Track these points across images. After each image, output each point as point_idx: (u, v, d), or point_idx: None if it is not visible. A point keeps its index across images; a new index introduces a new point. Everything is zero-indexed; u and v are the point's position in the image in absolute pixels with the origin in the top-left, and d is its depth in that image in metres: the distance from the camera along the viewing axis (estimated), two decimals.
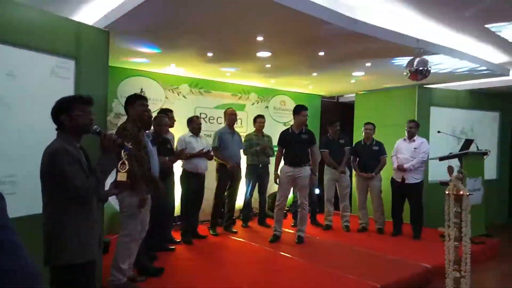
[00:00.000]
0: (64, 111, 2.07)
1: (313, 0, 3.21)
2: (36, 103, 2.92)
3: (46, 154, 2.02)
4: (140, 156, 3.17)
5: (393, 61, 4.98)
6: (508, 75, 5.88)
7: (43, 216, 2.05)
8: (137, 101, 3.30)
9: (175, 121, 4.93)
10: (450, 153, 5.29)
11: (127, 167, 2.19)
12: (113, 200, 3.84)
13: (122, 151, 2.17)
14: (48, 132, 2.13)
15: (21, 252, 0.77)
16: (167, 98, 5.90)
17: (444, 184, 4.74)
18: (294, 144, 4.92)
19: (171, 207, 4.84)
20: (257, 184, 5.88)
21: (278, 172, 5.05)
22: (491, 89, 6.58)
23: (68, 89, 3.19)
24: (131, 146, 2.28)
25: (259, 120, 5.93)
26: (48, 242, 2.01)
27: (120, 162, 2.18)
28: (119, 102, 5.38)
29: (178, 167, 4.96)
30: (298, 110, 4.97)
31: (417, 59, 4.15)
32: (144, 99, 3.41)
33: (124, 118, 5.31)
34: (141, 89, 5.65)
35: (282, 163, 5.05)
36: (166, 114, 4.63)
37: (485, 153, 5.27)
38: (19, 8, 2.90)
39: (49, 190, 2.03)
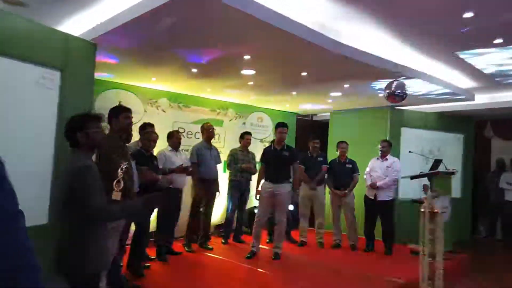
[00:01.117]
0: (79, 129, 2.12)
1: (302, 22, 3.35)
2: (20, 114, 2.85)
3: (76, 169, 2.06)
4: (127, 170, 3.13)
5: (371, 84, 5.21)
6: (473, 100, 6.28)
7: (63, 227, 2.13)
8: (122, 113, 3.25)
9: (157, 135, 4.87)
10: (421, 172, 5.54)
11: (122, 186, 2.20)
12: None
13: (119, 169, 2.18)
14: (32, 143, 2.11)
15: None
16: (145, 111, 5.85)
17: (416, 202, 4.99)
18: (275, 161, 5.00)
19: (147, 223, 4.75)
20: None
21: (259, 188, 5.10)
22: (456, 112, 6.99)
23: (52, 101, 3.15)
24: (127, 166, 2.31)
25: (246, 136, 5.97)
26: (69, 251, 2.07)
27: (116, 181, 2.18)
28: None
29: None
30: (276, 127, 5.13)
31: (395, 83, 4.38)
32: (129, 111, 3.38)
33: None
34: (120, 102, 5.57)
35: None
36: (145, 130, 4.58)
37: (453, 173, 5.56)
38: (6, 18, 2.85)
39: (73, 204, 2.07)
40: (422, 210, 3.53)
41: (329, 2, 3.24)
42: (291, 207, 6.26)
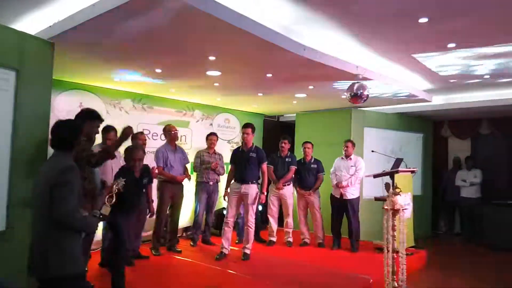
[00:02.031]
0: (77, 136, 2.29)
1: (267, 25, 3.37)
2: None
3: (63, 168, 2.15)
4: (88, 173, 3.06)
5: (334, 85, 5.32)
6: (431, 100, 6.55)
7: (40, 229, 2.15)
8: (95, 121, 3.23)
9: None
10: (383, 170, 5.71)
11: (113, 201, 2.27)
12: None
13: (115, 185, 2.29)
14: None
15: None
16: (108, 113, 5.68)
17: (380, 199, 5.15)
18: (242, 162, 5.01)
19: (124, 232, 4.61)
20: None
21: (228, 190, 5.09)
22: (416, 112, 7.27)
23: (7, 102, 3.00)
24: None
25: (210, 137, 5.92)
26: (48, 253, 2.09)
27: (108, 196, 2.26)
28: (55, 116, 5.06)
29: None
30: (242, 128, 5.17)
31: (356, 84, 4.50)
32: (101, 121, 3.35)
33: None
34: (80, 103, 5.39)
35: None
36: (109, 133, 4.45)
37: (413, 171, 5.77)
38: None
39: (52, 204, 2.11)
40: (385, 207, 3.63)
41: (291, 6, 3.27)
42: (259, 208, 6.30)
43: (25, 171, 3.11)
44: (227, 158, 5.84)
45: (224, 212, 5.84)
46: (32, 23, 3.54)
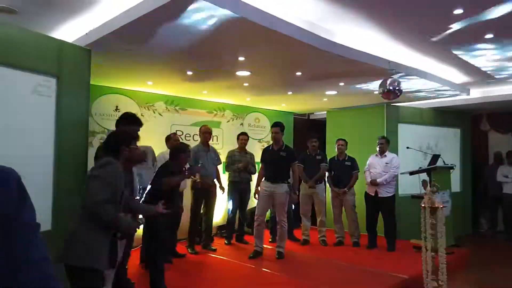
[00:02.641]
0: (124, 143, 2.35)
1: (295, 23, 3.36)
2: (18, 122, 2.85)
3: (98, 163, 2.34)
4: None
5: (366, 81, 5.22)
6: (468, 94, 6.30)
7: (75, 219, 2.29)
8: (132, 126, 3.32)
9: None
10: (420, 167, 5.55)
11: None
12: None
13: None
14: (31, 151, 2.12)
15: None
16: (142, 115, 5.82)
17: (417, 197, 5.00)
18: (273, 161, 5.00)
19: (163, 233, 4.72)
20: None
21: (259, 188, 5.10)
22: (452, 107, 7.01)
23: (49, 108, 3.14)
24: None
25: (241, 137, 5.97)
26: (72, 242, 2.21)
27: None
28: (94, 120, 5.27)
29: None
30: (271, 127, 5.14)
31: (389, 80, 4.39)
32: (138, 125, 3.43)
33: (99, 136, 5.31)
34: (116, 106, 5.58)
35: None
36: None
37: (452, 167, 5.57)
38: (0, 27, 2.84)
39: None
40: (423, 205, 3.53)
41: (320, 2, 3.24)
42: (292, 206, 6.29)
43: (68, 174, 3.24)
44: (258, 157, 5.86)
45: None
46: (69, 32, 3.70)
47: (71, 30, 3.69)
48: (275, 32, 3.17)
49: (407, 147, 6.03)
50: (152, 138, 5.09)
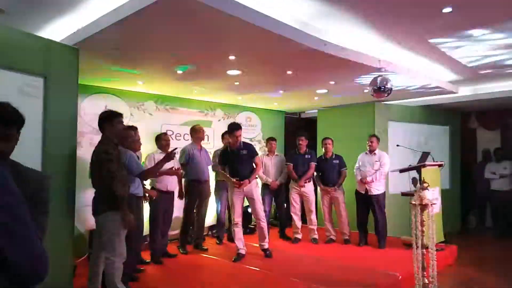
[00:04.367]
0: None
1: (286, 22, 3.35)
2: None
3: None
4: (123, 176, 3.12)
5: (356, 80, 5.25)
6: (457, 92, 6.36)
7: None
8: (115, 119, 3.24)
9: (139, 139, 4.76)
10: (410, 165, 5.59)
11: None
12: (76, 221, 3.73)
13: None
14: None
15: None
16: (132, 115, 5.80)
17: (407, 194, 5.03)
18: (235, 161, 4.94)
19: (142, 225, 4.71)
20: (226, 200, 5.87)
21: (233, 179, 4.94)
22: (442, 105, 7.08)
23: (37, 108, 3.09)
24: None
25: (225, 136, 5.95)
26: None
27: None
28: (82, 120, 5.21)
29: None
30: (230, 130, 4.92)
31: (379, 78, 4.41)
32: (121, 115, 3.35)
33: (89, 136, 5.25)
34: (105, 106, 5.51)
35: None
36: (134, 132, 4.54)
37: (441, 165, 5.62)
38: None
39: None
40: (413, 202, 3.55)
41: (309, 0, 3.24)
42: (284, 205, 6.31)
43: (56, 174, 3.19)
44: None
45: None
46: (57, 30, 3.64)
47: (60, 29, 3.63)
48: (265, 30, 3.16)
49: (397, 145, 6.07)
50: (143, 138, 5.02)
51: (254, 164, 5.05)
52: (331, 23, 3.71)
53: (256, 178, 5.08)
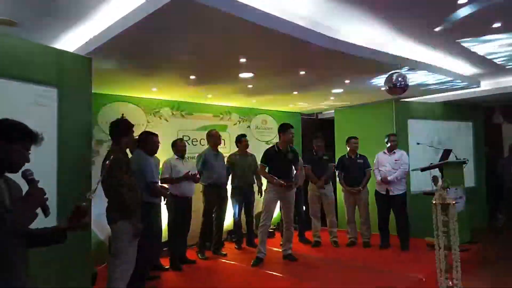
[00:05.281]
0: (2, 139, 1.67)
1: (295, 22, 3.30)
2: None
3: None
4: (132, 183, 3.13)
5: (372, 78, 5.13)
6: (479, 86, 6.14)
7: None
8: (132, 128, 3.27)
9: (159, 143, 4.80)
10: (431, 163, 5.43)
11: None
12: (96, 228, 3.76)
13: None
14: (32, 161, 2.07)
15: None
16: (148, 122, 5.86)
17: (428, 194, 4.88)
18: (279, 162, 4.88)
19: (160, 232, 4.72)
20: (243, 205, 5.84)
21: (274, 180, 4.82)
22: (463, 100, 6.85)
23: (51, 118, 3.14)
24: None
25: (243, 139, 5.89)
26: None
27: None
28: (100, 128, 5.29)
29: None
30: (285, 128, 4.89)
31: (395, 75, 4.30)
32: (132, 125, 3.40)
33: (107, 144, 5.31)
34: (122, 114, 5.58)
35: (265, 181, 5.03)
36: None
37: (464, 162, 5.43)
38: None
39: None
40: (434, 202, 3.43)
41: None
42: (303, 208, 6.22)
43: (71, 182, 3.24)
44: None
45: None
46: (71, 41, 3.70)
47: (73, 40, 3.69)
48: (273, 31, 3.12)
49: (417, 143, 5.90)
50: (160, 144, 5.05)
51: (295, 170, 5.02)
52: (343, 20, 3.63)
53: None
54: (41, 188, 1.66)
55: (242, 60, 3.98)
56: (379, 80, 5.21)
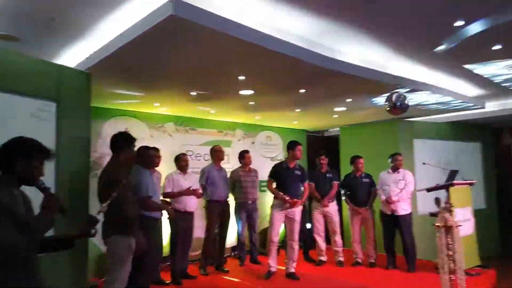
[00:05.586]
0: (23, 156, 1.88)
1: (293, 42, 3.29)
2: None
3: None
4: (133, 198, 3.10)
5: (373, 97, 5.08)
6: (484, 107, 6.04)
7: None
8: (134, 142, 3.23)
9: (160, 157, 4.73)
10: (437, 184, 5.30)
11: None
12: (98, 241, 3.71)
13: None
14: None
15: None
16: (152, 136, 5.86)
17: (434, 215, 4.75)
18: (287, 179, 4.85)
19: (160, 247, 4.66)
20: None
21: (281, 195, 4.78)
22: (470, 120, 6.75)
23: (50, 132, 3.15)
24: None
25: (247, 155, 5.85)
26: None
27: None
28: (104, 142, 5.31)
29: None
30: (294, 145, 4.90)
31: (394, 94, 4.26)
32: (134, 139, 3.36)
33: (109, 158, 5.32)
34: (126, 128, 5.59)
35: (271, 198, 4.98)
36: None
37: (471, 183, 5.29)
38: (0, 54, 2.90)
39: None
40: (437, 224, 3.32)
41: (319, 20, 3.17)
42: (308, 226, 6.11)
43: (69, 198, 3.22)
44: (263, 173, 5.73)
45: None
46: (71, 56, 3.75)
47: (74, 55, 3.74)
48: (270, 50, 3.11)
49: (423, 163, 5.78)
50: (163, 159, 5.05)
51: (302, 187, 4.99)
52: (341, 41, 3.62)
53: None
54: (54, 194, 1.94)
55: (241, 77, 3.98)
56: (382, 99, 5.16)
